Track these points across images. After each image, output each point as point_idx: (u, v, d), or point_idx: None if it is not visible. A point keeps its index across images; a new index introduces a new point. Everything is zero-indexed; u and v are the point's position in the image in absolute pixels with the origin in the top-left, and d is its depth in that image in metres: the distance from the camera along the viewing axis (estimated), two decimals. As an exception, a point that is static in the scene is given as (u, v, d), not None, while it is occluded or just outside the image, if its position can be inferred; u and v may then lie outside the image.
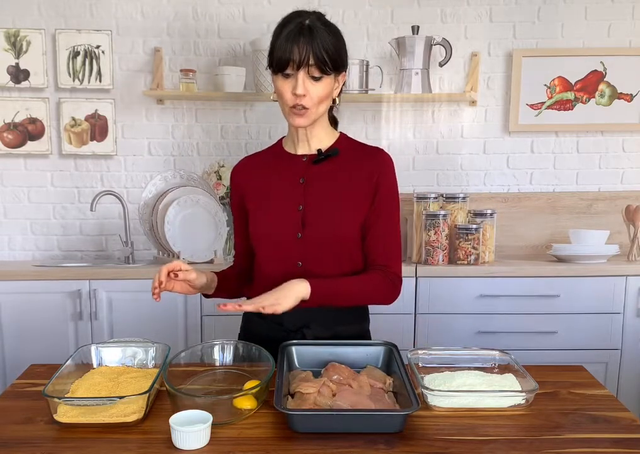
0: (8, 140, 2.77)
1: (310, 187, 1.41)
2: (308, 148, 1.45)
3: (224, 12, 2.77)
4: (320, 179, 1.42)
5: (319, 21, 1.31)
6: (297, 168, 1.44)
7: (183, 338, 2.44)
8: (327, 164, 1.42)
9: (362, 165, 1.42)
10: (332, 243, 1.39)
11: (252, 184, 1.47)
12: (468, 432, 1.08)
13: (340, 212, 1.39)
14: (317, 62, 1.28)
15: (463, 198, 2.64)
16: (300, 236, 1.39)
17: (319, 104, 1.34)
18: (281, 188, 1.43)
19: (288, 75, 1.31)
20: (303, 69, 1.29)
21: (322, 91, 1.33)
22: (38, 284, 2.40)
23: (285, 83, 1.32)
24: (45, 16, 2.73)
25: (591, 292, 2.43)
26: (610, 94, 2.80)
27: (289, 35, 1.28)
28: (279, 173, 1.45)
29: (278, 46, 1.30)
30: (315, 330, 1.42)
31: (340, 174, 1.42)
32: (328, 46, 1.29)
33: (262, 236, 1.43)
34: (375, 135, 2.84)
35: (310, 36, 1.27)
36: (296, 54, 1.27)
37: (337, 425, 1.06)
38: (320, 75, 1.31)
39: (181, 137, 2.84)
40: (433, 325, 2.44)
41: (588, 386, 1.31)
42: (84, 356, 1.33)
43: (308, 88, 1.31)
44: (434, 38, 2.67)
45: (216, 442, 1.03)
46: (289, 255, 1.40)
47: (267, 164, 1.49)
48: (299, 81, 1.30)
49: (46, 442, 1.04)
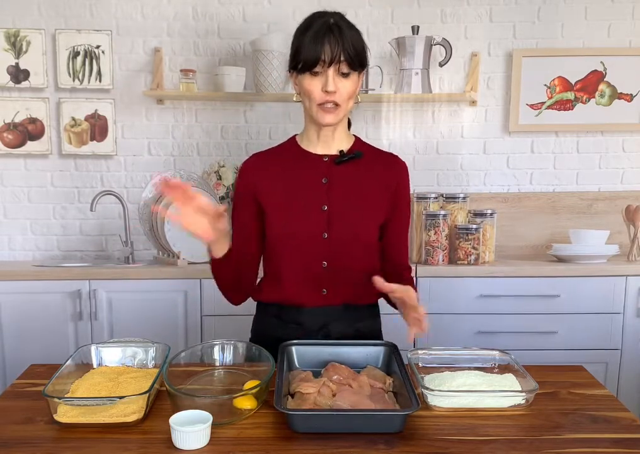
0: (8, 140, 2.77)
1: (333, 187, 1.42)
2: (328, 148, 1.45)
3: (224, 12, 2.77)
4: (344, 180, 1.43)
5: (342, 20, 1.34)
6: (318, 168, 1.43)
7: (183, 338, 2.44)
8: (349, 166, 1.44)
9: (382, 170, 1.46)
10: (356, 243, 1.42)
11: (268, 182, 1.44)
12: (468, 432, 1.08)
13: (362, 213, 1.42)
14: (347, 58, 1.30)
15: (463, 198, 2.64)
16: (326, 236, 1.40)
17: (348, 101, 1.36)
18: (303, 187, 1.42)
19: (317, 73, 1.32)
20: (333, 66, 1.30)
21: (351, 87, 1.34)
22: (38, 284, 2.40)
23: (313, 81, 1.33)
24: (45, 16, 2.73)
25: (591, 292, 2.43)
26: (610, 94, 2.80)
27: (317, 34, 1.29)
28: (299, 171, 1.44)
29: (306, 46, 1.30)
30: (337, 327, 1.44)
31: (361, 176, 1.44)
32: (356, 43, 1.32)
33: (287, 236, 1.41)
34: (375, 135, 2.83)
35: (339, 34, 1.29)
36: (327, 51, 1.29)
37: (337, 425, 1.06)
38: (349, 71, 1.32)
39: (181, 137, 2.84)
40: (433, 325, 2.41)
41: (588, 386, 1.31)
42: (84, 356, 1.33)
43: (338, 85, 1.32)
44: (434, 38, 2.67)
45: (216, 442, 1.03)
46: (314, 255, 1.41)
47: (283, 161, 1.46)
48: (330, 78, 1.30)
49: (46, 442, 1.04)
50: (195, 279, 2.40)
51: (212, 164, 2.73)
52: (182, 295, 2.41)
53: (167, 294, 2.42)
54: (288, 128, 2.78)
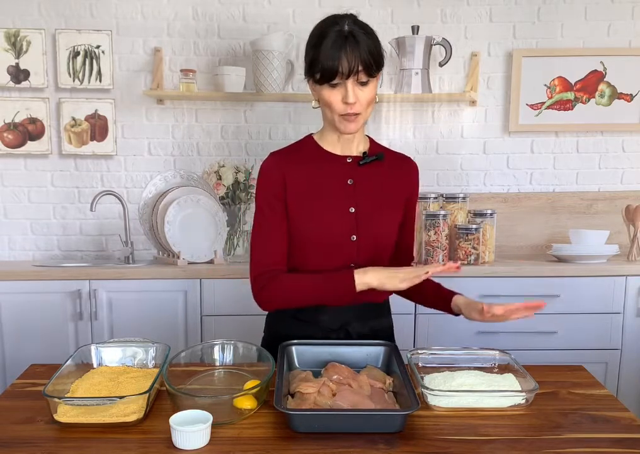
0: (8, 140, 2.77)
1: (359, 189, 1.42)
2: (349, 149, 1.44)
3: (224, 12, 2.77)
4: (368, 181, 1.43)
5: (356, 25, 1.30)
6: (343, 169, 1.43)
7: (183, 338, 2.43)
8: (372, 167, 1.44)
9: (400, 172, 1.48)
10: (382, 244, 1.44)
11: (293, 181, 1.40)
12: (468, 432, 1.08)
13: (386, 214, 1.44)
14: (365, 68, 1.28)
15: (463, 198, 2.64)
16: (355, 238, 1.40)
17: (368, 107, 1.35)
18: (328, 188, 1.41)
19: (335, 85, 1.30)
20: (352, 77, 1.28)
21: (370, 93, 1.33)
22: (38, 284, 2.40)
23: (332, 93, 1.31)
24: (45, 16, 2.73)
25: (591, 292, 2.43)
26: (610, 94, 2.80)
27: (334, 46, 1.27)
28: (323, 172, 1.42)
29: (323, 58, 1.27)
30: (356, 326, 1.45)
31: (383, 178, 1.45)
32: (372, 49, 1.29)
33: (316, 238, 1.39)
34: (375, 135, 2.81)
35: (355, 44, 1.27)
36: (345, 64, 1.26)
37: (337, 425, 1.06)
38: (368, 79, 1.30)
39: (181, 137, 2.84)
40: (433, 325, 2.44)
41: (588, 386, 1.31)
42: (84, 356, 1.33)
43: (358, 95, 1.31)
44: (434, 38, 2.67)
45: (216, 442, 1.03)
46: (343, 257, 1.41)
47: (306, 162, 1.43)
48: (349, 90, 1.29)
49: (46, 442, 1.05)
50: (195, 279, 2.39)
51: (212, 164, 2.73)
52: (182, 295, 2.41)
53: (167, 294, 2.42)
54: (288, 128, 2.78)
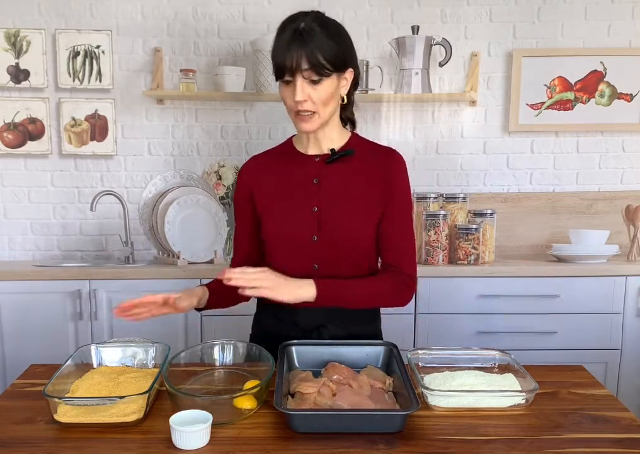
0: (8, 140, 2.77)
1: (324, 188, 1.39)
2: (320, 148, 1.43)
3: (224, 12, 2.77)
4: (334, 179, 1.39)
5: (315, 22, 1.28)
6: (309, 168, 1.41)
7: (183, 338, 2.43)
8: (341, 165, 1.40)
9: (375, 166, 1.40)
10: (348, 245, 1.38)
11: (262, 184, 1.43)
12: (468, 432, 1.08)
13: (355, 213, 1.37)
14: (311, 66, 1.26)
15: (463, 198, 2.64)
16: (316, 238, 1.37)
17: (324, 106, 1.32)
18: (294, 188, 1.41)
19: (288, 81, 1.30)
20: (300, 74, 1.27)
21: (324, 93, 1.30)
22: (38, 284, 2.40)
23: (286, 90, 1.31)
24: (45, 16, 2.73)
25: (591, 292, 2.43)
26: (610, 94, 2.80)
27: (282, 42, 1.27)
28: (291, 172, 1.42)
29: (274, 54, 1.29)
30: (331, 329, 1.41)
31: (354, 174, 1.39)
32: (323, 47, 1.26)
33: (277, 238, 1.40)
34: (375, 135, 2.83)
35: (301, 41, 1.25)
36: (288, 61, 1.26)
37: (337, 425, 1.06)
38: (319, 77, 1.28)
39: (181, 137, 2.84)
40: (433, 325, 2.44)
41: (588, 386, 1.31)
42: (84, 356, 1.33)
43: (309, 92, 1.29)
44: (434, 38, 2.67)
45: (216, 442, 1.03)
46: (305, 258, 1.39)
47: (277, 163, 1.45)
48: (297, 87, 1.28)
49: (46, 442, 1.04)
50: (195, 279, 2.39)
51: (212, 164, 2.73)
52: (182, 295, 2.41)
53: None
54: (287, 128, 2.77)
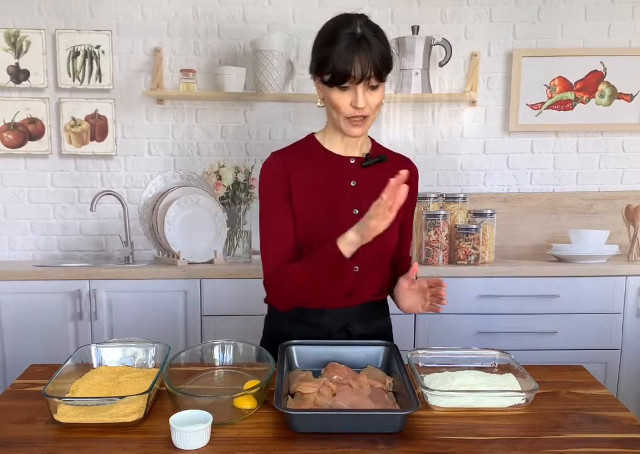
0: (8, 140, 2.77)
1: (362, 191, 1.41)
2: (352, 150, 1.43)
3: (224, 12, 2.77)
4: (371, 183, 1.40)
5: (368, 27, 1.29)
6: (346, 170, 1.42)
7: (183, 338, 2.43)
8: (373, 169, 1.43)
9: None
10: (385, 246, 1.42)
11: (297, 181, 1.39)
12: (468, 432, 1.08)
13: None
14: (376, 72, 1.27)
15: (463, 198, 2.64)
16: None
17: (376, 110, 1.35)
18: (332, 189, 1.40)
19: (346, 88, 1.29)
20: (363, 82, 1.27)
21: (379, 97, 1.33)
22: (38, 284, 2.40)
23: (342, 96, 1.30)
24: (45, 16, 2.73)
25: (591, 292, 2.43)
26: (610, 94, 2.80)
27: (347, 49, 1.26)
28: (326, 173, 1.41)
29: (335, 61, 1.26)
30: (357, 328, 1.44)
31: (385, 179, 1.39)
32: (384, 53, 1.29)
33: (319, 239, 1.36)
34: (375, 135, 2.79)
35: (368, 48, 1.26)
36: (358, 69, 1.25)
37: (337, 425, 1.06)
38: (378, 83, 1.30)
39: (181, 137, 2.84)
40: (433, 325, 2.44)
41: (588, 386, 1.31)
42: (84, 356, 1.33)
43: (367, 99, 1.30)
44: (434, 38, 2.67)
45: (216, 442, 1.03)
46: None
47: (309, 162, 1.42)
48: (359, 95, 1.29)
49: (46, 442, 1.05)
50: (195, 279, 2.39)
51: (212, 164, 2.73)
52: (182, 295, 2.41)
53: (167, 294, 2.41)
54: (288, 128, 2.77)
